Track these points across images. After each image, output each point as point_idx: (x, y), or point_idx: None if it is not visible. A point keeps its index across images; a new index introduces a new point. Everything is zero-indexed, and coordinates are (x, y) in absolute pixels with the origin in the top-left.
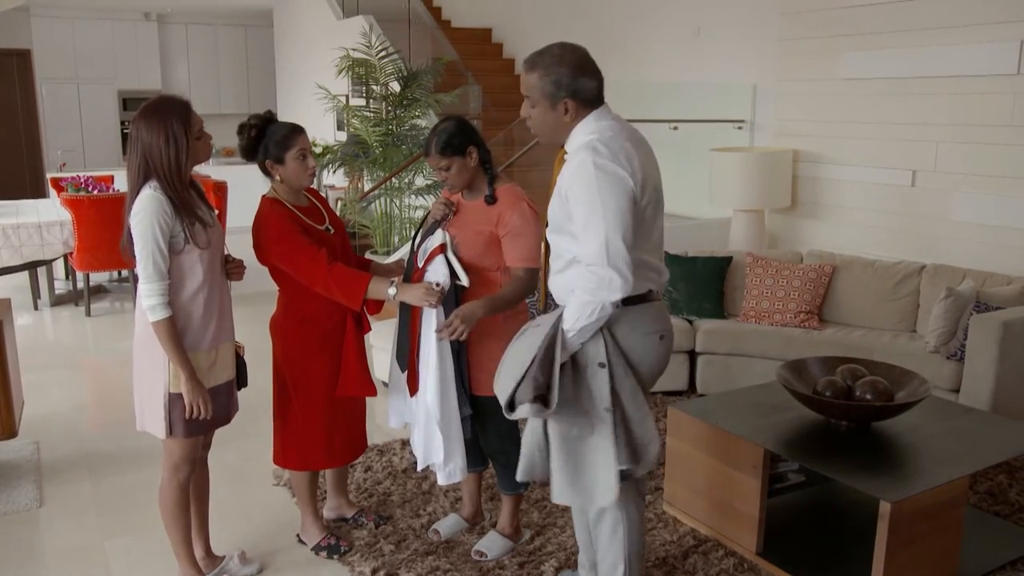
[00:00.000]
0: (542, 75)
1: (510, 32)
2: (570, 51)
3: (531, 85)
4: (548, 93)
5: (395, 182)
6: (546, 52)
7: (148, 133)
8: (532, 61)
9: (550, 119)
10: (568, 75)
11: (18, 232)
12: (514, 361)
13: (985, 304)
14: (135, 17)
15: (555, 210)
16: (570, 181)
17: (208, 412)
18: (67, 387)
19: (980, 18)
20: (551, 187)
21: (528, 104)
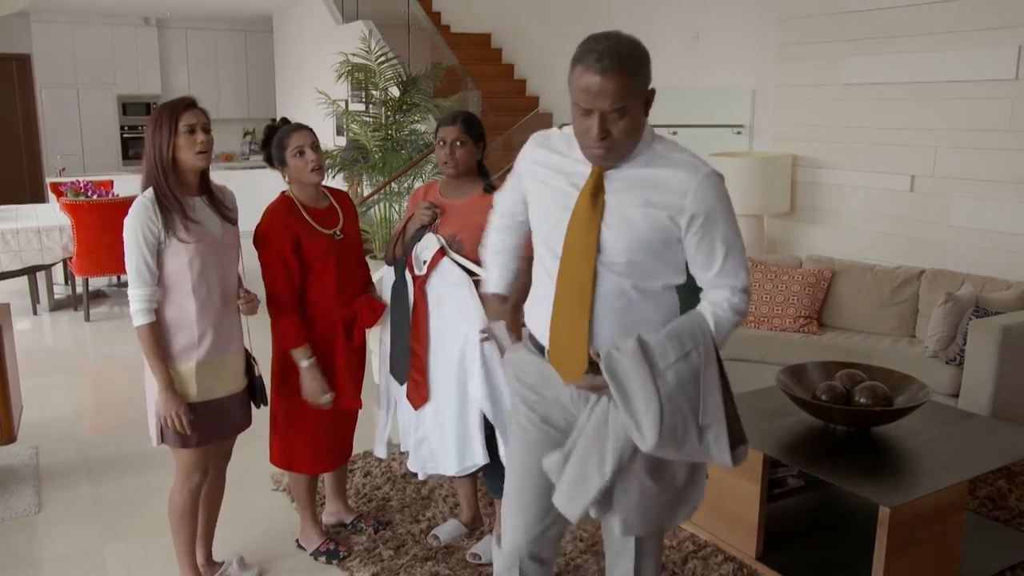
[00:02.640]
0: (639, 74)
1: (509, 37)
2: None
3: (625, 90)
4: (641, 95)
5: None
6: (630, 44)
7: (147, 131)
8: (619, 62)
9: (637, 126)
10: (649, 72)
11: (17, 237)
12: (704, 407)
13: (984, 309)
14: (135, 22)
15: (646, 231)
16: (702, 207)
17: (183, 426)
18: (66, 392)
19: (978, 24)
20: (589, 207)
21: (616, 115)
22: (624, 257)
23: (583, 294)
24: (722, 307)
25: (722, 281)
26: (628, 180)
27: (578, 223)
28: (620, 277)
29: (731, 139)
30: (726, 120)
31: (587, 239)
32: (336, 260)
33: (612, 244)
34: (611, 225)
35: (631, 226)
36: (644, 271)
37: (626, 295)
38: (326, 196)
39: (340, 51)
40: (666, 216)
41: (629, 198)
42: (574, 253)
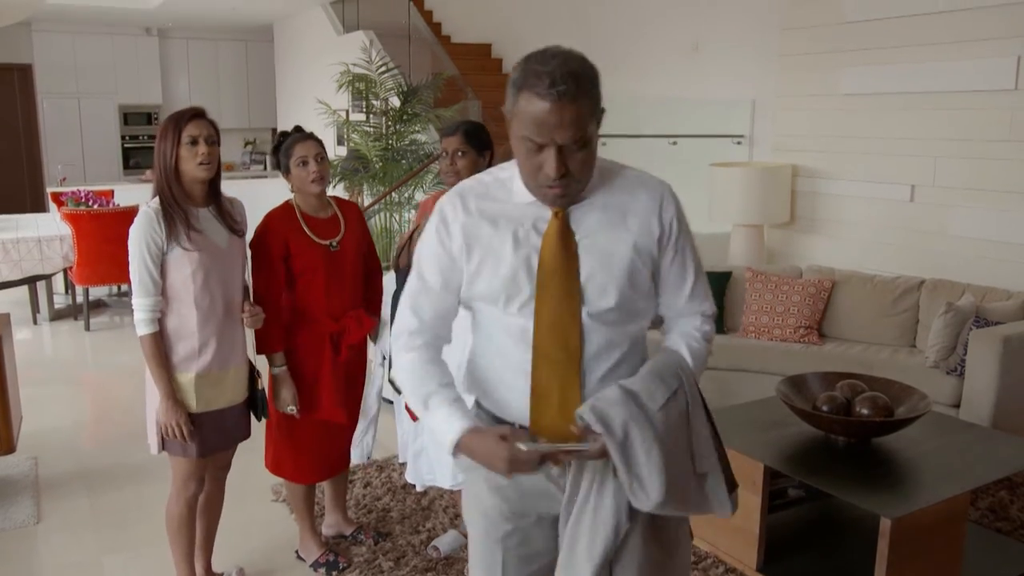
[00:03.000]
0: (594, 96)
1: (509, 48)
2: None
3: (585, 117)
4: (597, 118)
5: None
6: (581, 61)
7: (157, 137)
8: (576, 84)
9: (594, 154)
10: (599, 85)
11: (18, 247)
12: (698, 451)
13: (984, 319)
14: (136, 32)
15: (634, 263)
16: (672, 221)
17: (185, 436)
18: (66, 402)
19: (978, 34)
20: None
21: (576, 147)
22: (614, 300)
23: (571, 359)
24: (695, 337)
25: (693, 307)
26: (594, 213)
27: (551, 275)
28: (609, 328)
29: (731, 149)
30: (726, 130)
31: (566, 291)
32: (326, 272)
33: (598, 289)
34: (592, 267)
35: (616, 262)
36: (632, 312)
37: (617, 347)
38: (331, 206)
39: (341, 61)
40: (647, 238)
41: (604, 233)
42: (552, 312)
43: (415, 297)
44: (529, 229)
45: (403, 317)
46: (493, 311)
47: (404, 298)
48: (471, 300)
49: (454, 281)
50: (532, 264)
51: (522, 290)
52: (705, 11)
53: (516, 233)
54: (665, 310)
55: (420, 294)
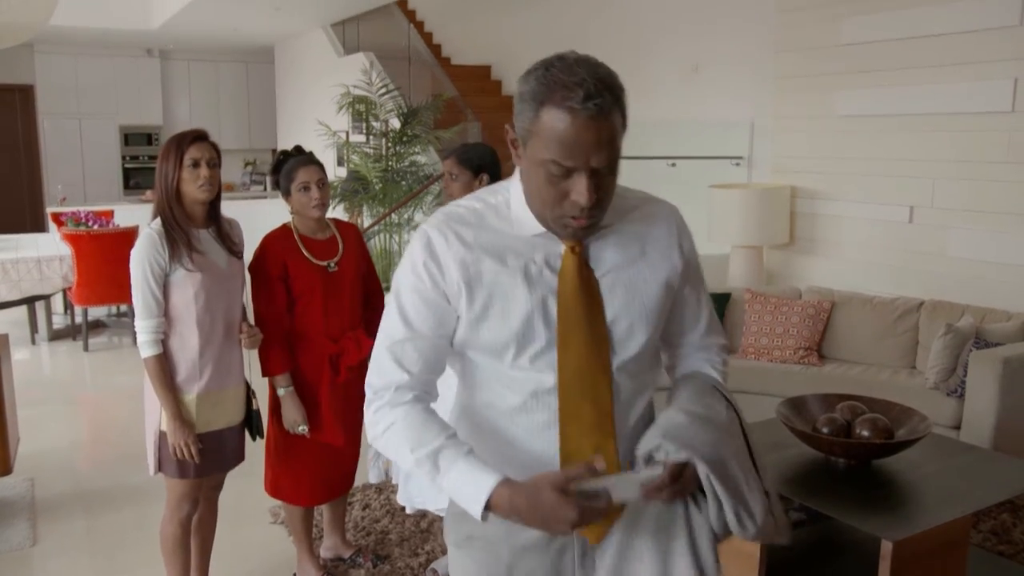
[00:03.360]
0: (624, 108)
1: (509, 69)
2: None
3: (619, 134)
4: (625, 133)
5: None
6: (610, 71)
7: (158, 158)
8: (611, 95)
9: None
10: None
11: (17, 267)
12: (741, 478)
13: (984, 340)
14: (138, 53)
15: (658, 296)
16: (691, 250)
17: (193, 456)
18: (63, 423)
19: (974, 57)
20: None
21: (607, 171)
22: (641, 346)
23: (602, 415)
24: (714, 363)
25: (708, 340)
26: (611, 246)
27: (574, 320)
28: (635, 375)
29: (730, 171)
30: (725, 152)
31: (592, 337)
32: (324, 293)
33: (625, 333)
34: (617, 309)
35: (643, 301)
36: (654, 354)
37: (643, 395)
38: (329, 227)
39: (341, 83)
40: (671, 271)
41: (626, 269)
42: (577, 363)
43: (400, 346)
44: (542, 265)
45: (385, 370)
46: (494, 365)
47: (382, 348)
48: (465, 350)
49: (447, 325)
50: (549, 308)
51: (537, 339)
52: (704, 33)
53: (527, 270)
54: (677, 348)
55: (406, 342)
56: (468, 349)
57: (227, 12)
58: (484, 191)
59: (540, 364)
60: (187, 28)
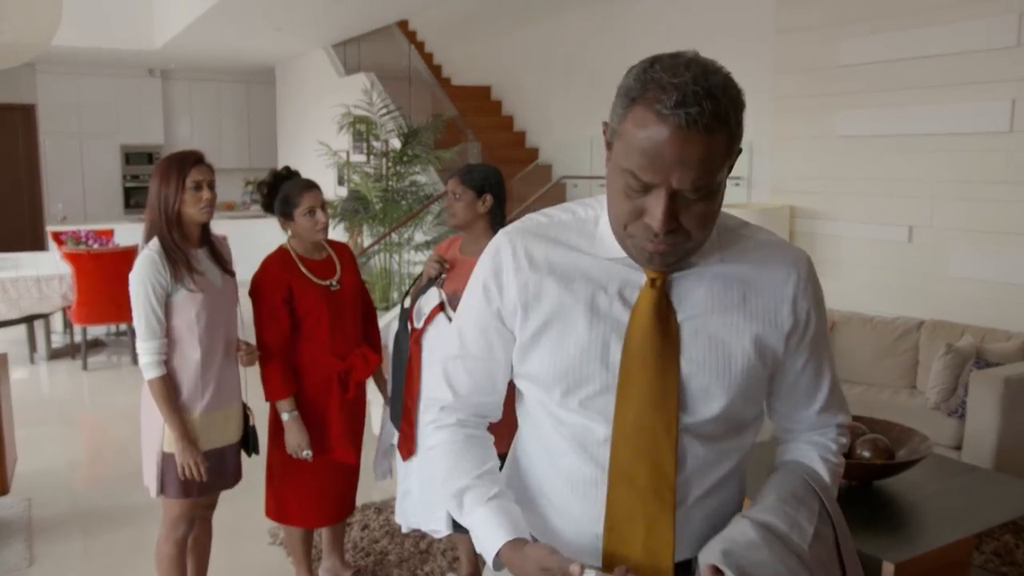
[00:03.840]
0: (734, 131)
1: (509, 90)
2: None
3: (717, 157)
4: (732, 161)
5: (395, 238)
6: (725, 80)
7: (153, 181)
8: (715, 109)
9: (719, 207)
10: (743, 116)
11: (16, 285)
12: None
13: (985, 360)
14: (139, 74)
15: (752, 362)
16: (810, 312)
17: (201, 474)
18: (61, 442)
19: (973, 77)
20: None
21: (695, 196)
22: (719, 409)
23: (662, 484)
24: (830, 450)
25: (826, 419)
26: (704, 287)
27: (640, 366)
28: (708, 443)
29: (730, 191)
30: None
31: (659, 390)
32: (331, 312)
33: (700, 391)
34: (696, 361)
35: (729, 358)
36: (738, 425)
37: (715, 469)
38: (324, 247)
39: (342, 103)
40: (773, 331)
41: (717, 316)
42: (637, 417)
43: (452, 363)
44: (613, 296)
45: (435, 386)
46: (542, 399)
47: (439, 362)
48: (517, 376)
49: (501, 347)
50: (611, 347)
51: (591, 380)
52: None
53: (594, 300)
54: (786, 422)
55: (457, 360)
56: (518, 376)
57: (229, 33)
58: (578, 202)
59: (592, 410)
60: (189, 48)
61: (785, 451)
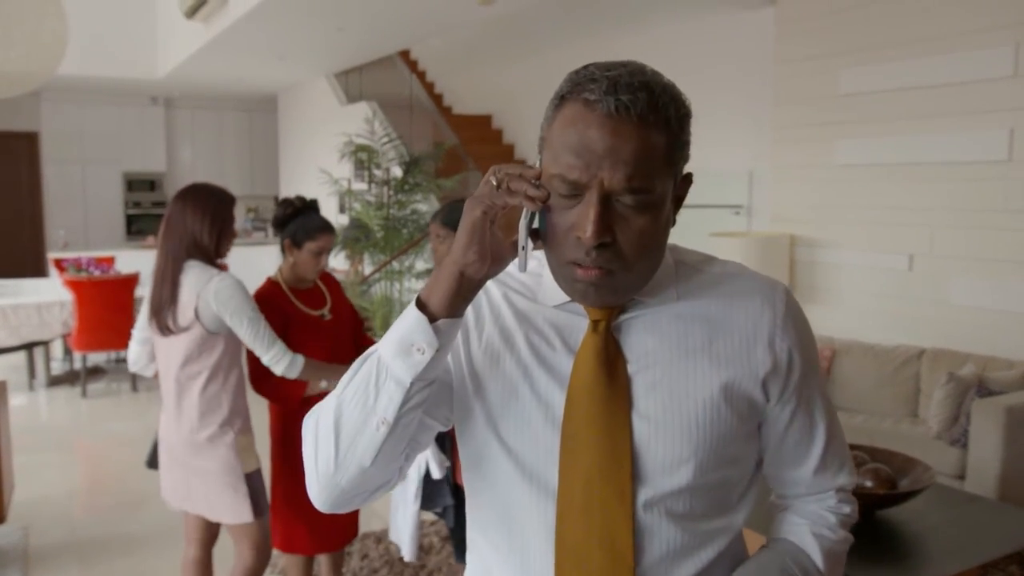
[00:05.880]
0: (675, 130)
1: (510, 118)
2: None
3: (655, 154)
4: (676, 171)
5: (396, 266)
6: (660, 79)
7: (201, 210)
8: (649, 99)
9: (665, 230)
10: (688, 125)
11: (16, 312)
12: None
13: (987, 389)
14: (142, 102)
15: (724, 419)
16: (792, 350)
17: None
18: (59, 470)
19: (971, 107)
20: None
21: (632, 201)
22: (688, 478)
23: (619, 569)
24: (827, 524)
25: (822, 482)
26: (660, 330)
27: (584, 429)
28: (681, 523)
29: (730, 219)
30: (724, 201)
31: (609, 458)
32: (324, 341)
33: (662, 458)
34: (653, 419)
35: (693, 414)
36: (719, 497)
37: (695, 554)
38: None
39: (344, 131)
40: (746, 377)
41: (675, 364)
42: (585, 491)
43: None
44: (560, 348)
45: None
46: (502, 483)
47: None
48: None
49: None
50: (555, 409)
51: (535, 448)
52: (702, 83)
53: (540, 345)
54: (778, 486)
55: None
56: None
57: (231, 62)
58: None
59: (548, 484)
60: (192, 77)
61: (776, 525)
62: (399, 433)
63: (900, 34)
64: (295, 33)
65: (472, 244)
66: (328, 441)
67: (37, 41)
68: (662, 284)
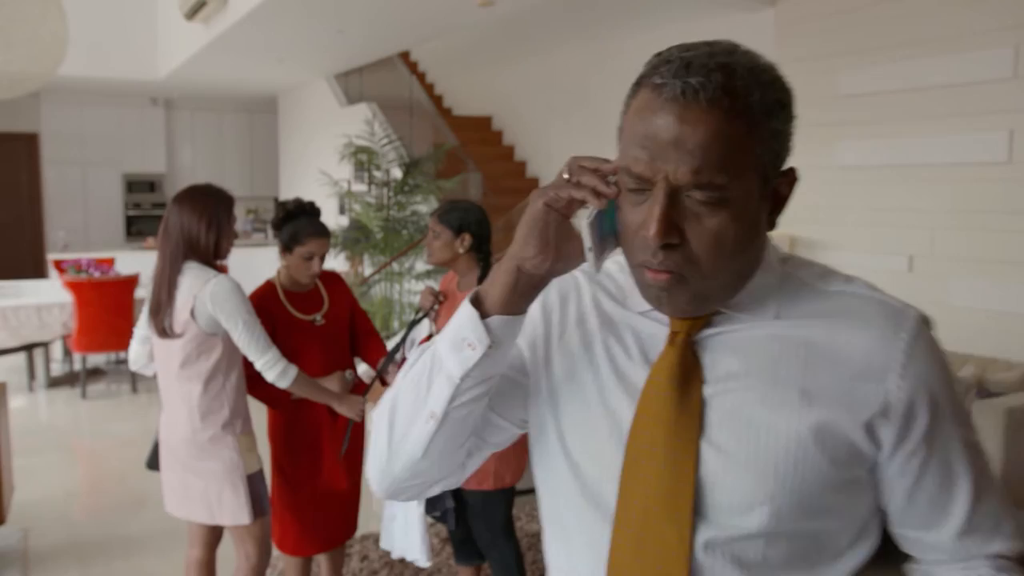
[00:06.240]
0: (759, 117)
1: (510, 120)
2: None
3: (732, 144)
4: (765, 162)
5: (395, 267)
6: (750, 59)
7: (199, 211)
8: (727, 82)
9: (750, 233)
10: (791, 124)
11: (16, 314)
12: None
13: (987, 390)
14: (143, 103)
15: (811, 461)
16: (915, 395)
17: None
18: (59, 471)
19: (971, 108)
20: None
21: (704, 197)
22: (762, 523)
23: None
24: None
25: (972, 547)
26: (754, 348)
27: (646, 452)
28: (744, 571)
29: None
30: None
31: (671, 487)
32: (315, 347)
33: (729, 495)
34: (725, 450)
35: (774, 451)
36: (806, 550)
37: None
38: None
39: (344, 133)
40: (847, 419)
41: (760, 390)
42: (642, 520)
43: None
44: (636, 358)
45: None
46: (569, 491)
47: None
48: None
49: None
50: (622, 424)
51: (600, 460)
52: None
53: (613, 359)
54: (914, 549)
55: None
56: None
57: (232, 63)
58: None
59: (606, 500)
60: (192, 78)
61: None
62: (450, 429)
63: (900, 36)
64: (295, 34)
65: (532, 238)
66: (383, 427)
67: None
68: (760, 298)
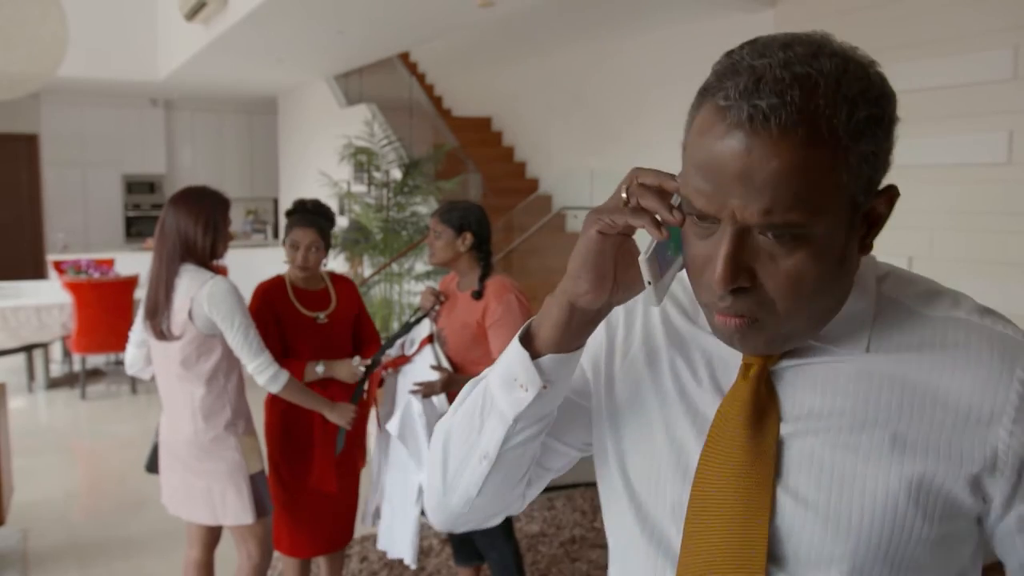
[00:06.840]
0: (845, 139)
1: (509, 121)
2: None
3: (811, 174)
4: (854, 188)
5: (395, 268)
6: (826, 66)
7: (195, 214)
8: (804, 101)
9: (835, 271)
10: (889, 140)
11: (16, 314)
12: None
13: None
14: (142, 104)
15: (901, 514)
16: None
17: None
18: (58, 472)
19: (970, 109)
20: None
21: (781, 238)
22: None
23: None
24: None
25: None
26: (841, 385)
27: (716, 490)
28: None
29: None
30: None
31: (741, 535)
32: (313, 344)
33: (806, 548)
34: (803, 498)
35: (859, 503)
36: None
37: None
38: (323, 280)
39: (343, 134)
40: (949, 470)
41: (852, 433)
42: (708, 561)
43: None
44: (707, 384)
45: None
46: (631, 521)
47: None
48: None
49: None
50: (689, 457)
51: (666, 493)
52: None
53: (680, 382)
54: None
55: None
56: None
57: (232, 64)
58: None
59: (670, 541)
60: (192, 79)
61: None
62: (506, 468)
63: (899, 37)
64: (295, 35)
65: (584, 271)
66: (436, 463)
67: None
68: (850, 327)
